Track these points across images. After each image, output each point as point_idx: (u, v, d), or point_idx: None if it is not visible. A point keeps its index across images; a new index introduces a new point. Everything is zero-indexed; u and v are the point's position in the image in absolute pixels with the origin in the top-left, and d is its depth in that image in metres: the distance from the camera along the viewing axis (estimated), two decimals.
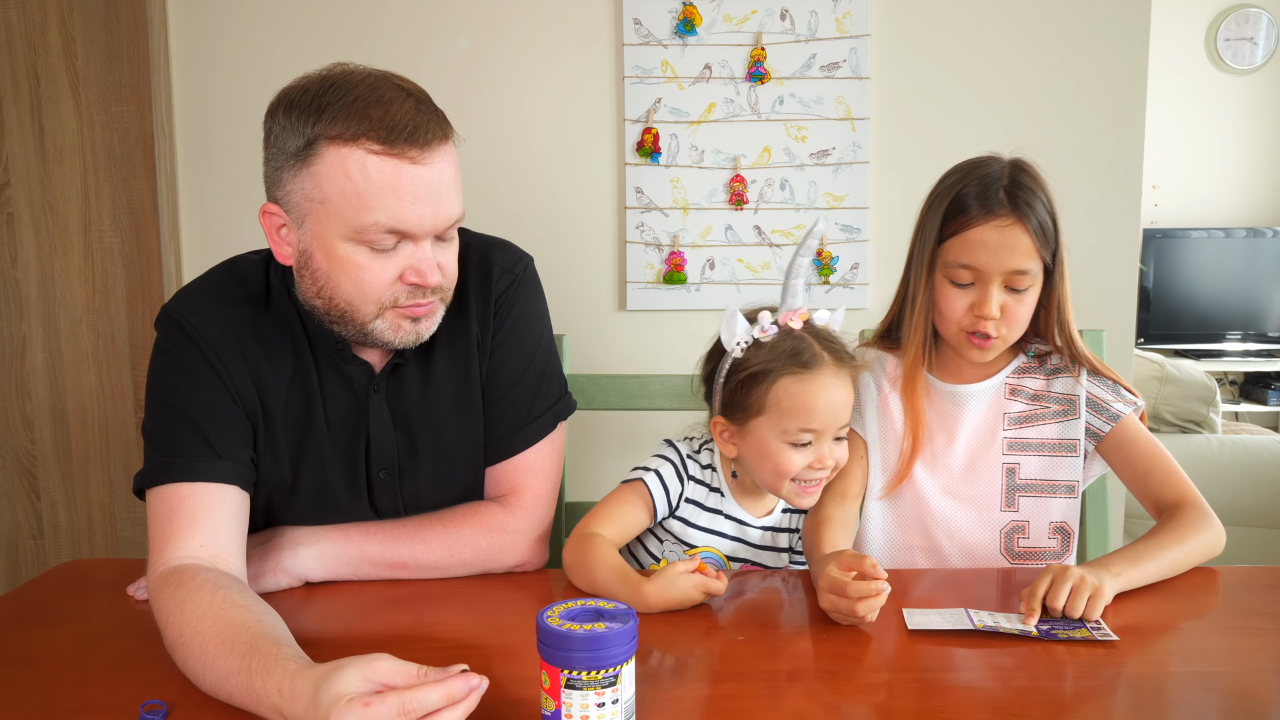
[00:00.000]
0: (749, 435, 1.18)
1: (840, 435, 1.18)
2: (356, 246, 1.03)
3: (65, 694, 0.89)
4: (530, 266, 1.26)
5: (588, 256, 2.28)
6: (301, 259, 1.07)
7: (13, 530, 2.42)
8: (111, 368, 2.36)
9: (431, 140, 1.02)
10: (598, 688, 0.75)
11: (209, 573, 0.98)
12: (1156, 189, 4.21)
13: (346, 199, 1.00)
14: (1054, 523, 1.28)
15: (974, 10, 2.19)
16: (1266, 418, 4.11)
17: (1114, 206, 2.22)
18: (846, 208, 2.23)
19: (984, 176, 1.23)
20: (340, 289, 1.05)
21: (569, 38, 2.22)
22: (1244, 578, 1.16)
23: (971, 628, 0.98)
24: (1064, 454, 1.28)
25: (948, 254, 1.23)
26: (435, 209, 1.03)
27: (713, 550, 1.24)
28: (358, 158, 0.99)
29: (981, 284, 1.21)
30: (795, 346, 1.15)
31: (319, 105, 1.00)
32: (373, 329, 1.08)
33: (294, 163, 1.02)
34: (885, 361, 1.35)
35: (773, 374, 1.14)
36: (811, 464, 1.15)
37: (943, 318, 1.26)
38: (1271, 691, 0.87)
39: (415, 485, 1.20)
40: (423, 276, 1.05)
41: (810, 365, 1.14)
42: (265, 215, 1.07)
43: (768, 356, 1.15)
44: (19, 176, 2.31)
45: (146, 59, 2.24)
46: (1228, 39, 4.18)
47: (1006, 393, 1.30)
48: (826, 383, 1.14)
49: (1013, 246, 1.19)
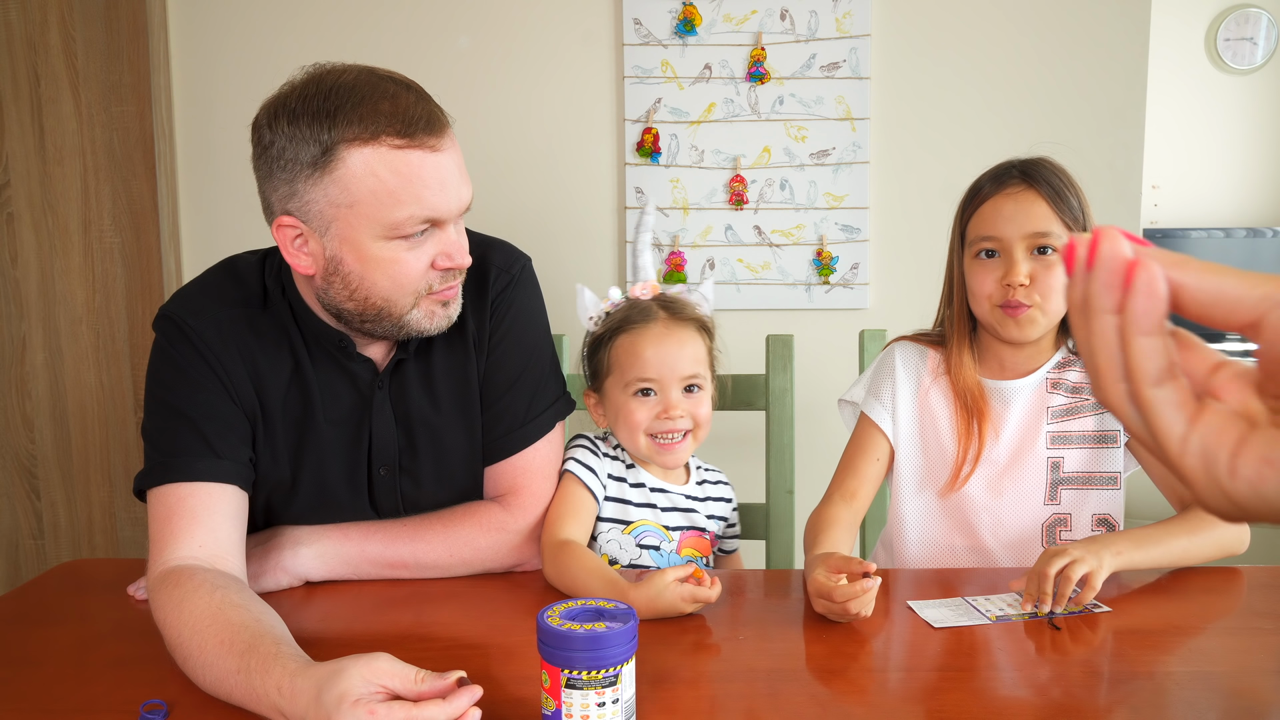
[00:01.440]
0: (607, 401, 1.27)
1: (692, 387, 1.23)
2: (390, 242, 1.04)
3: (65, 694, 0.89)
4: (528, 267, 1.26)
5: (588, 256, 2.28)
6: (330, 265, 1.05)
7: (13, 530, 2.42)
8: (111, 368, 2.36)
9: (443, 127, 1.05)
10: (598, 687, 0.75)
11: (208, 573, 0.98)
12: (1156, 189, 4.20)
13: (378, 198, 1.01)
14: (1096, 515, 1.27)
15: (974, 10, 2.19)
16: None
17: (1114, 206, 2.22)
18: (846, 208, 2.23)
19: (1002, 165, 1.27)
20: (377, 287, 1.06)
21: (569, 38, 2.22)
22: (1244, 578, 1.16)
23: (987, 621, 1.02)
24: (1104, 445, 1.28)
25: (971, 234, 1.26)
26: (458, 191, 1.06)
27: (651, 524, 1.25)
28: (383, 155, 1.00)
29: (1006, 254, 1.22)
30: (632, 307, 1.26)
31: (328, 110, 0.99)
32: (408, 320, 1.09)
33: (311, 172, 1.01)
34: (926, 356, 1.34)
35: (611, 334, 1.25)
36: (658, 414, 1.22)
37: (974, 297, 1.26)
38: (1271, 691, 0.87)
39: (414, 482, 1.20)
40: (454, 259, 1.07)
41: (640, 320, 1.23)
42: (279, 229, 1.05)
43: (610, 322, 1.27)
44: (19, 176, 2.31)
45: (146, 59, 2.24)
46: (1228, 39, 4.18)
47: (1048, 387, 1.30)
48: (657, 332, 1.22)
49: (1028, 210, 1.21)
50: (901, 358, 1.35)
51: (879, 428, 1.32)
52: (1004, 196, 1.23)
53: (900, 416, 1.32)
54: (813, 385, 2.06)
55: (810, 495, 1.52)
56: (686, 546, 1.27)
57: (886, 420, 1.32)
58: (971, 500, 1.28)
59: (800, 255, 2.24)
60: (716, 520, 1.32)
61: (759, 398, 1.51)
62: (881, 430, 1.32)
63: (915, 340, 1.37)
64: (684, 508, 1.28)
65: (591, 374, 1.30)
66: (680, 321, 1.24)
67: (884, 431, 1.31)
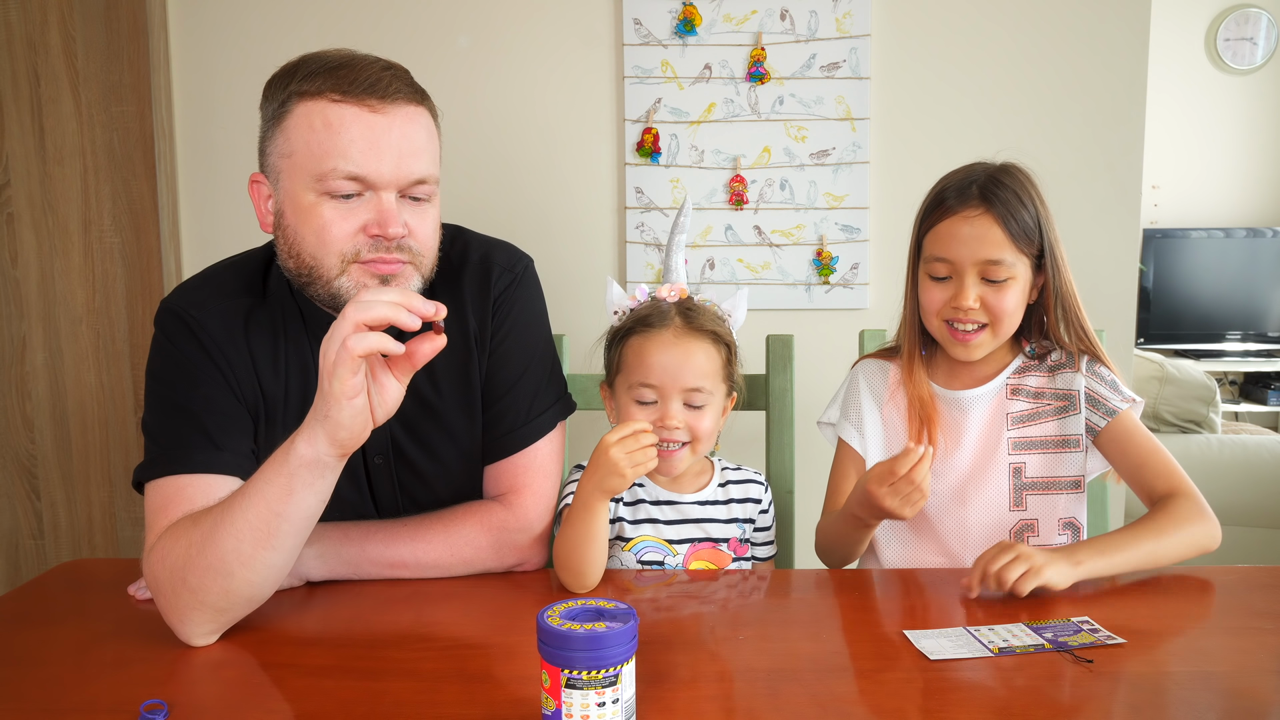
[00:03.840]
0: (616, 396, 1.25)
1: (694, 403, 1.20)
2: (319, 197, 1.05)
3: (65, 694, 0.89)
4: (530, 267, 1.26)
5: (588, 256, 2.28)
6: (277, 220, 1.09)
7: (13, 530, 2.42)
8: (111, 368, 2.36)
9: (395, 96, 1.05)
10: (598, 687, 0.75)
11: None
12: (1156, 189, 4.20)
13: (309, 149, 1.03)
14: (1062, 518, 1.28)
15: (974, 10, 2.19)
16: (1266, 418, 4.11)
17: (1114, 206, 2.22)
18: (846, 208, 2.23)
19: (966, 176, 1.26)
20: (305, 243, 1.06)
21: (569, 38, 2.22)
22: (1244, 578, 1.16)
23: (988, 654, 0.94)
24: (1066, 450, 1.29)
25: (926, 249, 1.27)
26: (396, 160, 1.05)
27: (651, 538, 1.24)
28: (320, 107, 1.03)
29: (957, 276, 1.24)
30: (651, 309, 1.23)
31: (293, 70, 1.06)
32: (339, 287, 1.07)
33: (271, 127, 1.07)
34: (888, 371, 1.36)
35: (626, 332, 1.23)
36: (654, 422, 1.18)
37: (925, 312, 1.29)
38: (1271, 691, 0.87)
39: (412, 472, 1.21)
40: (383, 226, 1.05)
41: (655, 324, 1.21)
42: (253, 185, 1.11)
43: (629, 320, 1.24)
44: (19, 176, 2.31)
45: (146, 59, 2.24)
46: (1228, 39, 4.18)
47: (1008, 393, 1.30)
48: (666, 340, 1.19)
49: (982, 237, 1.21)
50: (864, 376, 1.38)
51: (851, 447, 1.35)
52: (961, 219, 1.23)
53: (868, 433, 1.34)
54: (813, 385, 2.06)
55: (810, 495, 1.53)
56: (696, 559, 1.25)
57: (856, 439, 1.35)
58: (938, 509, 1.30)
59: (800, 255, 2.24)
60: (741, 524, 1.28)
61: (759, 398, 1.51)
62: (854, 450, 1.35)
63: (878, 356, 1.40)
64: (695, 518, 1.26)
65: (607, 368, 1.29)
66: (693, 331, 1.21)
67: (856, 450, 1.35)
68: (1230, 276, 4.11)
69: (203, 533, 0.96)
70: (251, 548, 0.95)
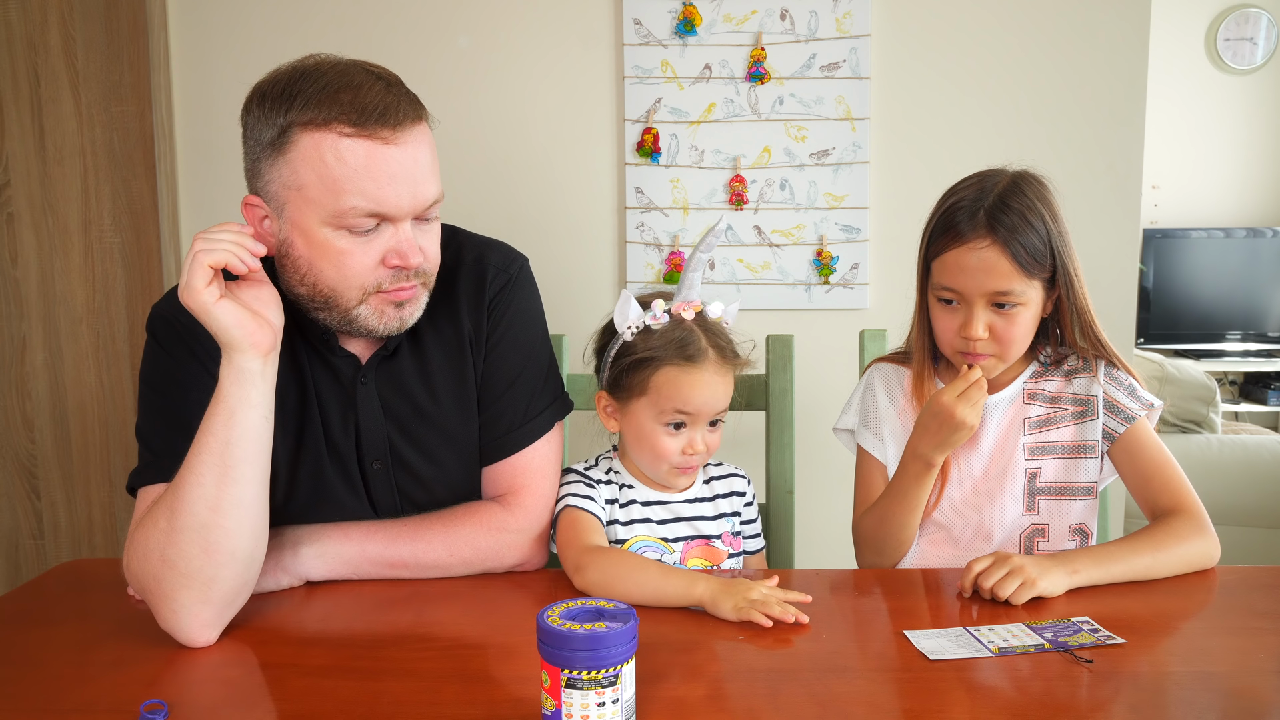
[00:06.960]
0: (630, 414, 1.23)
1: (717, 421, 1.23)
2: (336, 231, 1.04)
3: (65, 694, 0.89)
4: (525, 267, 1.26)
5: (588, 256, 2.28)
6: (281, 248, 1.07)
7: (13, 530, 2.42)
8: (111, 368, 2.36)
9: (403, 120, 1.03)
10: (598, 687, 0.75)
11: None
12: (1156, 189, 4.20)
13: (323, 184, 1.01)
14: (1073, 525, 1.28)
15: (974, 10, 2.19)
16: (1266, 418, 4.11)
17: (1114, 206, 2.22)
18: (846, 208, 2.23)
19: (975, 196, 1.22)
20: (323, 275, 1.06)
21: (569, 38, 2.22)
22: (1244, 578, 1.16)
23: (989, 654, 0.94)
24: (1082, 455, 1.28)
25: (934, 276, 1.25)
26: (412, 189, 1.04)
27: (646, 538, 1.24)
28: (330, 142, 1.01)
29: (965, 305, 1.22)
30: (683, 338, 1.20)
31: (290, 94, 1.02)
32: (357, 315, 1.08)
33: (270, 152, 1.04)
34: (903, 377, 1.35)
35: (658, 361, 1.19)
36: (684, 448, 1.20)
37: (938, 337, 1.28)
38: (1271, 691, 0.87)
39: (410, 477, 1.20)
40: (404, 258, 1.05)
41: (694, 359, 1.19)
42: (247, 208, 1.09)
43: (657, 344, 1.20)
44: (19, 176, 2.31)
45: (146, 59, 2.24)
46: (1228, 39, 4.18)
47: (1025, 398, 1.30)
48: (708, 379, 1.19)
49: (990, 269, 1.19)
50: (880, 382, 1.37)
51: (874, 456, 1.35)
52: (967, 250, 1.19)
53: (887, 440, 1.34)
54: (813, 385, 2.06)
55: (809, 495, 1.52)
56: (693, 557, 1.25)
57: (876, 446, 1.35)
58: (954, 514, 1.30)
59: (800, 255, 2.24)
60: (729, 518, 1.29)
61: (759, 398, 1.51)
62: (876, 458, 1.35)
63: (891, 361, 1.39)
64: (686, 516, 1.26)
65: (613, 381, 1.24)
66: (728, 363, 1.22)
67: (877, 458, 1.34)
68: (1230, 276, 4.11)
69: (167, 503, 0.98)
70: (215, 489, 0.96)
